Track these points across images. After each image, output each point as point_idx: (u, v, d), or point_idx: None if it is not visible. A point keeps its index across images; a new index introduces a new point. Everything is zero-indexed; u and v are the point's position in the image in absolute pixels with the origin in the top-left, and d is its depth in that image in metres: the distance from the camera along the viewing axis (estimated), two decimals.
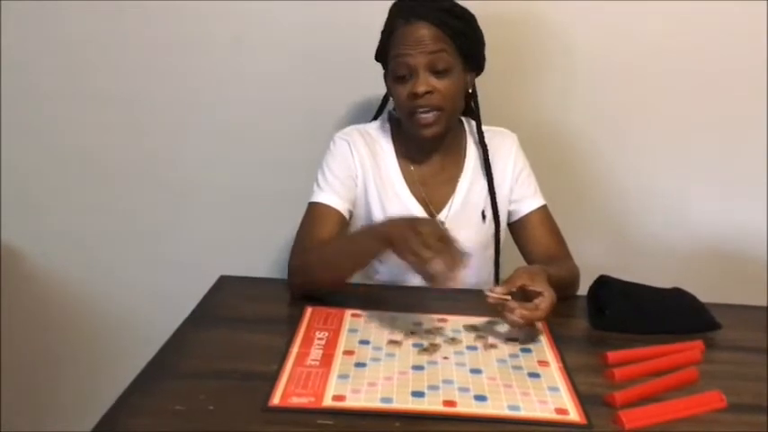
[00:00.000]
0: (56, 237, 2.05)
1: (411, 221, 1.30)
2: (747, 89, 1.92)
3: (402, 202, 1.55)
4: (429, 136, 1.49)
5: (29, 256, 2.07)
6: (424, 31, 1.45)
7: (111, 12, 1.90)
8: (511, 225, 1.63)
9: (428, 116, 1.47)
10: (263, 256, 2.00)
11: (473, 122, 1.62)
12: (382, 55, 1.54)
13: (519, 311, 1.24)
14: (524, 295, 1.28)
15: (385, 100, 1.65)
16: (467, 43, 1.50)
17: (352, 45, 1.88)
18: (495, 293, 1.26)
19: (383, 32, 1.53)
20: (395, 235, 1.25)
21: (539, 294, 1.26)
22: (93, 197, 2.02)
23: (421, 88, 1.44)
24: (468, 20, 1.51)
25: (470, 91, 1.57)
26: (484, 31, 1.54)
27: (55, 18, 1.91)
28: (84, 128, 1.98)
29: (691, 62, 1.91)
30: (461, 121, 1.62)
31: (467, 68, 1.52)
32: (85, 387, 2.12)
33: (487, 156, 1.58)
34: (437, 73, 1.46)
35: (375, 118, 1.65)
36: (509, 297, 1.26)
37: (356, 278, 1.45)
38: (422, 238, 1.20)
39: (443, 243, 1.20)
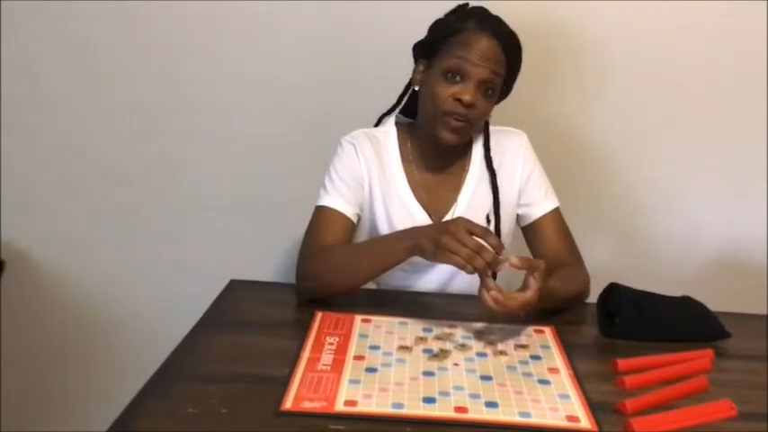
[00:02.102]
0: (61, 240, 2.06)
1: (437, 224, 1.36)
2: (754, 91, 1.93)
3: (406, 207, 1.55)
4: (449, 142, 1.49)
5: (33, 259, 2.07)
6: (493, 49, 1.45)
7: (116, 14, 1.92)
8: (522, 228, 1.63)
9: (458, 123, 1.47)
10: (271, 259, 2.01)
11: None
12: (431, 47, 1.51)
13: (494, 293, 1.26)
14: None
15: (403, 95, 1.62)
16: (513, 74, 1.52)
17: (359, 50, 1.90)
18: (513, 261, 1.28)
19: (444, 26, 1.51)
20: (425, 241, 1.31)
21: (526, 288, 1.28)
22: (99, 201, 2.04)
23: (468, 98, 1.44)
24: (521, 53, 1.52)
25: None
26: None
27: (57, 22, 1.93)
28: (92, 131, 1.99)
29: (698, 64, 1.92)
30: None
31: (500, 96, 1.54)
32: (91, 389, 2.13)
33: (494, 174, 1.57)
34: (484, 91, 1.47)
35: (389, 112, 1.63)
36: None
37: None
38: (455, 237, 1.26)
39: (477, 235, 1.27)
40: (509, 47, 1.48)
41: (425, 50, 1.53)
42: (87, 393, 2.13)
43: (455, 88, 1.45)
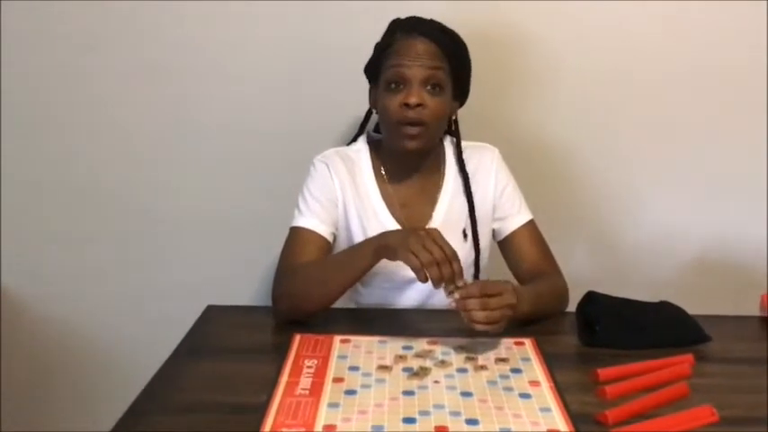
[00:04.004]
0: (36, 269, 2.04)
1: (409, 229, 1.39)
2: (746, 91, 1.94)
3: (381, 224, 1.54)
4: (410, 149, 1.49)
5: (8, 289, 2.05)
6: (425, 47, 1.47)
7: (93, 43, 1.90)
8: (499, 243, 1.63)
9: (413, 129, 1.47)
10: (248, 283, 2.00)
11: (453, 141, 1.62)
12: (374, 68, 1.54)
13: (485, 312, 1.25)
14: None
15: (365, 121, 1.65)
16: (460, 68, 1.53)
17: (332, 69, 1.90)
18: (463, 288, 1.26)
19: (379, 46, 1.54)
20: (393, 239, 1.32)
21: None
22: (76, 229, 2.01)
23: (413, 99, 1.45)
24: (463, 46, 1.54)
25: (453, 118, 1.59)
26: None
27: (39, 55, 1.91)
28: (65, 159, 1.97)
29: (687, 65, 1.93)
30: (441, 141, 1.62)
31: (455, 95, 1.54)
32: (76, 419, 2.09)
33: (468, 178, 1.58)
34: (430, 89, 1.47)
35: (355, 139, 1.65)
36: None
37: (339, 303, 1.45)
38: (422, 241, 1.26)
39: (441, 246, 1.26)
40: (442, 40, 1.49)
41: (371, 74, 1.56)
42: (74, 425, 2.10)
43: (400, 96, 1.46)
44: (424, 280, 1.25)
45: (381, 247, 1.35)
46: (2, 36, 1.89)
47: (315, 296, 1.40)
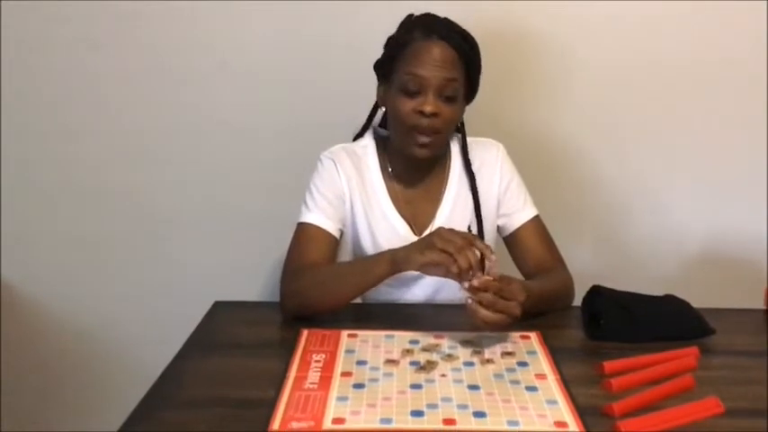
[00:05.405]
0: (41, 267, 2.05)
1: (424, 236, 1.38)
2: (746, 90, 1.95)
3: (387, 220, 1.55)
4: (422, 157, 1.49)
5: (12, 288, 2.06)
6: (442, 52, 1.45)
7: (93, 43, 1.91)
8: (504, 239, 1.63)
9: (426, 138, 1.46)
10: (255, 279, 2.01)
11: (459, 138, 1.62)
12: (386, 66, 1.52)
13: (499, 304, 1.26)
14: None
15: (371, 115, 1.64)
16: (474, 72, 1.51)
17: (336, 67, 1.91)
18: (482, 279, 1.27)
19: (394, 43, 1.51)
20: (408, 248, 1.33)
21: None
22: (81, 228, 2.02)
23: (429, 108, 1.43)
24: (477, 49, 1.51)
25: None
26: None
27: (39, 55, 1.92)
28: (68, 157, 1.98)
29: (689, 65, 1.94)
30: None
31: (466, 98, 1.53)
32: (81, 419, 2.10)
33: (473, 177, 1.58)
34: (445, 98, 1.46)
35: (361, 133, 1.65)
36: (491, 278, 1.27)
37: None
38: (443, 237, 1.29)
39: (458, 235, 1.29)
40: (460, 46, 1.47)
41: (382, 70, 1.53)
42: (74, 423, 2.11)
43: (415, 102, 1.45)
44: (457, 269, 1.26)
45: (395, 257, 1.35)
46: (2, 36, 1.90)
47: (324, 299, 1.41)
